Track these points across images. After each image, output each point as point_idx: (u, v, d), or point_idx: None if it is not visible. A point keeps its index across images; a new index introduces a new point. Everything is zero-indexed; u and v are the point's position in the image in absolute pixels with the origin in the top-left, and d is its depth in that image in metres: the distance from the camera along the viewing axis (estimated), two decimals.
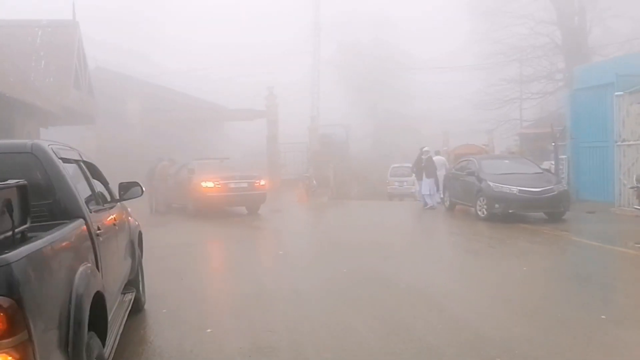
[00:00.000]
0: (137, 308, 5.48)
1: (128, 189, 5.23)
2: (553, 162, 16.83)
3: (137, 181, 5.57)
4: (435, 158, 17.36)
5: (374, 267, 7.77)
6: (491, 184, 12.55)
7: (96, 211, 3.94)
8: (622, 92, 13.58)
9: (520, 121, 31.28)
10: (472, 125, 30.69)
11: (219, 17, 43.93)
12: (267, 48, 31.45)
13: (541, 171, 13.57)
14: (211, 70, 29.39)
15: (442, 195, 17.03)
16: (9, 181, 2.45)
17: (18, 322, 2.03)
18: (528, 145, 26.33)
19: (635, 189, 10.93)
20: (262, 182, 15.44)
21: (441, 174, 17.73)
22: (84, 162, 4.44)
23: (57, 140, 4.20)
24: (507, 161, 14.19)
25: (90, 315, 2.72)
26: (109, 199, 4.97)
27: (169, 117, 24.50)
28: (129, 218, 5.80)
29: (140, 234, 6.33)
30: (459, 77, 33.84)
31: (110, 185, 5.33)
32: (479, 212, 12.89)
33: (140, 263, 5.99)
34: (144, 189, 5.66)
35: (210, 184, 14.69)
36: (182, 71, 29.00)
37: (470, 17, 31.05)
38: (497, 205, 12.34)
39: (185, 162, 16.82)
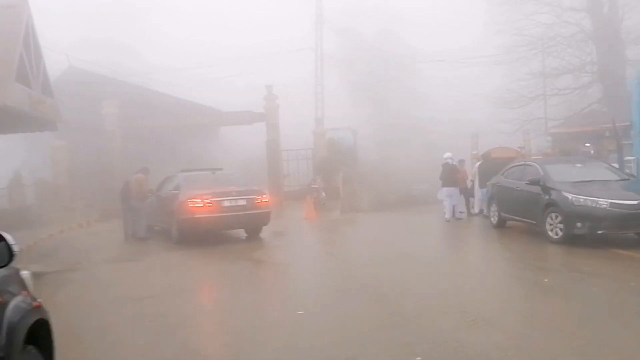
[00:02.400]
0: None
1: None
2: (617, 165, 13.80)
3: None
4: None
5: (460, 340, 4.70)
6: (569, 196, 9.48)
7: None
8: None
9: (545, 120, 28.27)
10: (492, 125, 27.68)
11: (214, 11, 40.74)
12: (265, 44, 28.42)
13: (627, 177, 10.53)
14: (205, 69, 26.23)
15: (483, 209, 14.33)
16: None
17: None
18: (559, 146, 23.30)
19: None
20: (265, 199, 12.36)
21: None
22: None
23: None
24: (579, 165, 11.11)
25: None
26: None
27: (154, 123, 21.40)
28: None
29: (43, 323, 3.26)
30: (476, 73, 30.81)
31: None
32: (551, 233, 9.82)
33: None
34: (14, 250, 2.62)
35: (199, 203, 11.61)
36: (174, 69, 25.76)
37: (488, 6, 28.03)
38: (579, 225, 9.26)
39: (169, 174, 13.75)
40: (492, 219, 12.71)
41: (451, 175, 14.65)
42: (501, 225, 12.32)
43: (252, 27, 37.17)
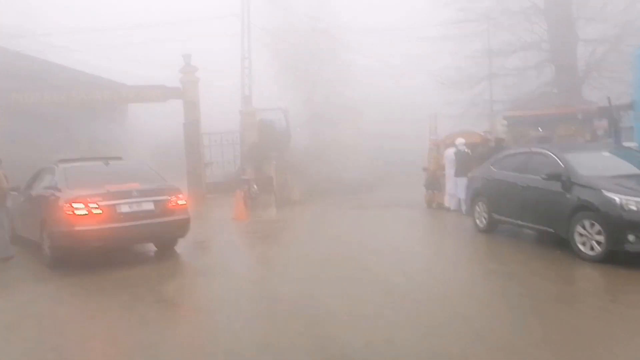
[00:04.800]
0: None
1: None
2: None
3: None
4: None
5: None
6: (616, 197, 6.79)
7: None
8: None
9: (491, 102, 26.40)
10: (437, 108, 25.39)
11: None
12: (185, 10, 24.32)
13: None
14: (111, 34, 21.59)
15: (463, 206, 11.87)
16: None
17: None
18: (513, 131, 21.32)
19: None
20: (181, 200, 8.82)
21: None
22: None
23: None
24: (606, 154, 8.51)
25: None
26: None
27: (37, 98, 16.87)
28: None
29: None
30: (420, 51, 28.35)
31: None
32: (582, 247, 7.15)
33: None
34: None
35: (82, 209, 7.87)
36: (73, 31, 20.91)
37: None
38: (631, 238, 6.62)
39: (44, 167, 9.79)
40: (477, 221, 9.98)
41: (465, 164, 12.66)
42: (491, 229, 9.63)
43: None
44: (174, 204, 8.67)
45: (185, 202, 8.90)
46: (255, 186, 16.31)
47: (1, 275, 8.37)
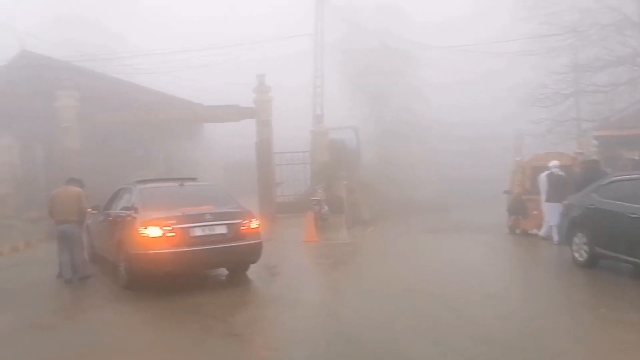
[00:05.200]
0: None
1: None
2: None
3: None
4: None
5: None
6: None
7: None
8: None
9: (578, 121, 24.67)
10: (519, 127, 24.07)
11: None
12: (259, 32, 24.66)
13: None
14: (189, 56, 22.16)
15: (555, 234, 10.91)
16: None
17: None
18: (604, 153, 19.62)
19: None
20: (254, 224, 8.53)
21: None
22: None
23: None
24: None
25: None
26: None
27: (120, 118, 17.45)
28: None
29: None
30: (499, 66, 27.18)
31: None
32: None
33: None
34: None
35: (156, 231, 7.75)
36: (152, 53, 21.63)
37: None
38: None
39: (122, 186, 9.86)
40: (575, 254, 9.00)
41: (559, 189, 11.75)
42: (592, 264, 8.63)
43: (244, 14, 33.29)
44: (247, 228, 8.39)
45: (258, 226, 8.60)
46: (326, 207, 15.92)
47: (78, 296, 8.41)
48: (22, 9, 29.85)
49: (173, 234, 7.78)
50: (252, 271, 8.99)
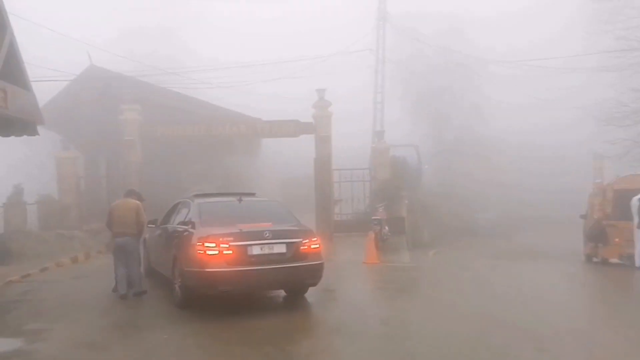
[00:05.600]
0: None
1: None
2: None
3: None
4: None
5: None
6: None
7: None
8: None
9: None
10: (593, 148, 22.52)
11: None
12: (318, 46, 24.48)
13: None
14: (248, 71, 22.21)
15: None
16: None
17: None
18: None
19: None
20: (315, 243, 7.98)
21: None
22: None
23: None
24: None
25: None
26: None
27: (180, 132, 17.51)
28: None
29: None
30: (569, 84, 25.69)
31: None
32: None
33: None
34: None
35: (212, 248, 7.35)
36: (211, 69, 21.85)
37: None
38: None
39: (180, 200, 9.59)
40: None
41: None
42: None
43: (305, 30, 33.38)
44: (307, 248, 7.85)
45: (318, 246, 8.05)
46: (386, 227, 15.21)
47: (132, 313, 8.11)
48: (92, 23, 31.29)
49: (230, 251, 7.35)
50: (311, 294, 8.43)
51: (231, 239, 7.41)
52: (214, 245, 7.35)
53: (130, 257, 8.88)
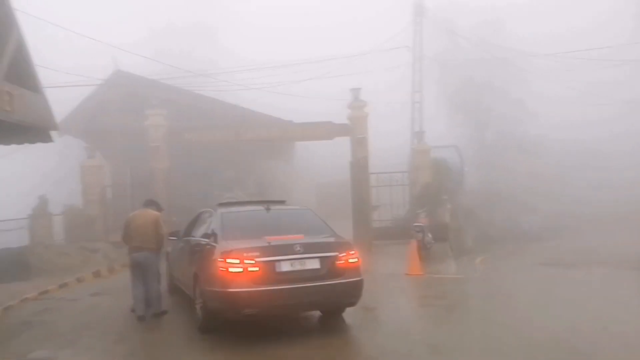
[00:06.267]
0: None
1: None
2: None
3: None
4: None
5: None
6: None
7: None
8: None
9: None
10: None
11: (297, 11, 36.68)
12: (353, 45, 23.51)
13: None
14: (278, 72, 21.37)
15: None
16: None
17: None
18: None
19: None
20: (353, 257, 6.94)
21: None
22: None
23: None
24: None
25: None
26: None
27: (209, 137, 16.78)
28: None
29: None
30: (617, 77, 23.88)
31: None
32: None
33: None
34: None
35: (236, 265, 6.40)
36: (241, 70, 21.09)
37: None
38: None
39: (204, 210, 8.70)
40: None
41: None
42: None
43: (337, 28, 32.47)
44: (344, 263, 6.82)
45: (357, 260, 7.01)
46: (429, 234, 14.03)
47: (150, 338, 7.27)
48: (121, 23, 31.19)
49: (256, 268, 6.39)
50: (349, 314, 7.39)
51: (257, 253, 6.46)
52: (237, 261, 6.41)
53: (149, 274, 8.03)
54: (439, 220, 16.01)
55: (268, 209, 7.63)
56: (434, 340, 6.63)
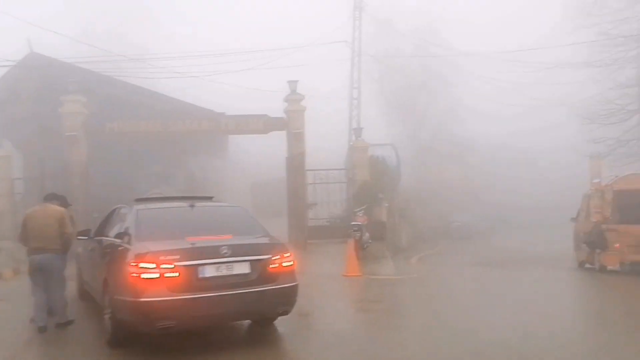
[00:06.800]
0: None
1: None
2: None
3: None
4: None
5: None
6: None
7: None
8: None
9: None
10: (577, 146, 21.53)
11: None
12: (289, 38, 22.84)
13: None
14: (212, 61, 20.33)
15: None
16: None
17: None
18: None
19: None
20: (287, 260, 6.24)
21: None
22: None
23: None
24: None
25: None
26: None
27: (136, 129, 15.51)
28: None
29: None
30: (552, 80, 24.64)
31: None
32: None
33: None
34: None
35: (152, 270, 5.53)
36: (172, 57, 19.86)
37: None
38: None
39: (118, 206, 7.67)
40: None
41: None
42: None
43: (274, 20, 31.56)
44: (277, 266, 6.12)
45: (292, 263, 6.32)
46: (367, 234, 13.58)
47: (50, 351, 6.27)
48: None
49: (175, 273, 5.56)
50: (282, 320, 6.68)
51: (177, 256, 5.62)
52: (153, 265, 5.54)
53: (52, 279, 6.96)
54: (376, 219, 15.63)
55: (192, 206, 6.78)
56: (375, 351, 6.04)
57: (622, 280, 11.32)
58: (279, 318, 6.63)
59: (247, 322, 6.84)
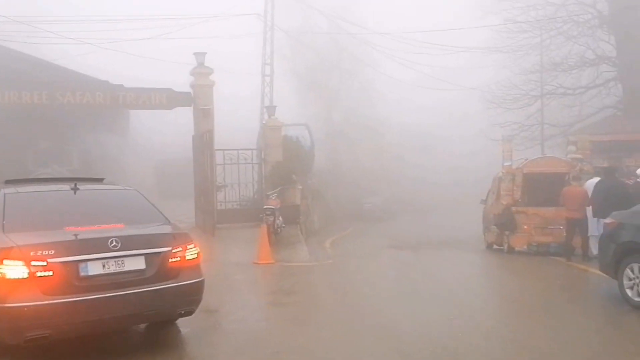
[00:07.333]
0: None
1: None
2: None
3: None
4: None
5: None
6: None
7: None
8: None
9: (541, 125, 23.04)
10: (486, 131, 22.27)
11: None
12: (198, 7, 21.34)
13: None
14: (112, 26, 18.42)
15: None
16: None
17: None
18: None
19: None
20: (192, 252, 5.39)
21: None
22: None
23: None
24: None
25: None
26: None
27: (18, 100, 13.55)
28: None
29: None
30: (459, 64, 25.21)
31: None
32: None
33: None
34: None
35: (20, 269, 4.48)
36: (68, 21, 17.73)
37: None
38: None
39: None
40: (627, 292, 6.74)
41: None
42: None
43: None
44: (179, 260, 5.26)
45: (197, 256, 5.49)
46: (280, 217, 12.92)
47: None
48: None
49: (49, 272, 4.55)
50: (184, 321, 5.84)
51: (52, 251, 4.61)
52: (20, 263, 4.50)
53: None
54: (289, 202, 15.01)
55: (76, 189, 5.68)
56: (292, 352, 5.40)
57: (530, 261, 11.58)
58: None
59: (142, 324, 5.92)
